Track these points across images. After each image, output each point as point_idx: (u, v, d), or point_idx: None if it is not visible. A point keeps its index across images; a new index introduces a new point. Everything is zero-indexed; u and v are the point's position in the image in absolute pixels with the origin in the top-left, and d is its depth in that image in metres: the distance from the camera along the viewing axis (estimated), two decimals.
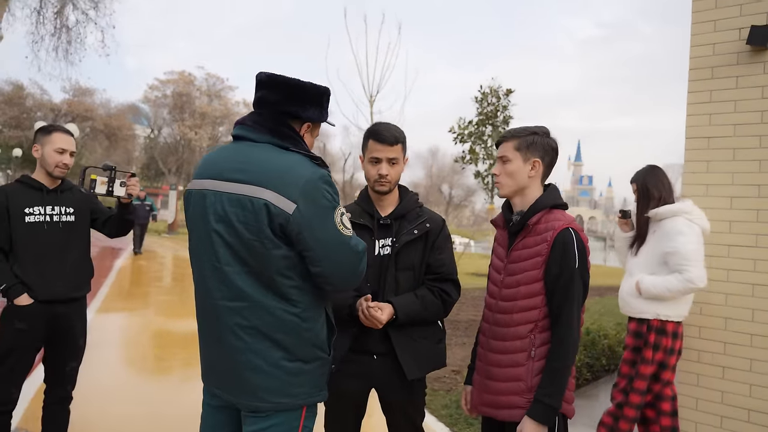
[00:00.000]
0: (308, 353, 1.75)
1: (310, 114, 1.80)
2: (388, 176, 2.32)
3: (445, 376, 5.30)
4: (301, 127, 1.81)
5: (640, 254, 3.36)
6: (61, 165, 2.93)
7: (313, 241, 1.64)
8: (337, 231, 1.68)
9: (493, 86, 12.71)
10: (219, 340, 1.73)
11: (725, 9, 3.48)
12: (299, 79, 1.78)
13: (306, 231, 1.63)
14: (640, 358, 3.27)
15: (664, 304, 3.21)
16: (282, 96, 1.77)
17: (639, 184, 3.39)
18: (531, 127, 2.11)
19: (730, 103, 3.46)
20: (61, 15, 13.66)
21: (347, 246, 1.71)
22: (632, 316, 3.33)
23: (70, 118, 40.91)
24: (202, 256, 1.75)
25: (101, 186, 2.88)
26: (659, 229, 3.27)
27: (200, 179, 1.78)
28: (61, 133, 2.95)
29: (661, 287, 3.16)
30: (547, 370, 1.93)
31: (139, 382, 5.04)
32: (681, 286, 3.12)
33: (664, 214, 3.26)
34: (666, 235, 3.21)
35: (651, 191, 3.33)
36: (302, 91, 1.77)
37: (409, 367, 2.30)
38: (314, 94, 1.80)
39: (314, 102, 1.80)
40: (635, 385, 3.27)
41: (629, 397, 3.29)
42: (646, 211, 3.33)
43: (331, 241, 1.67)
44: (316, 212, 1.65)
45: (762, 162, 3.35)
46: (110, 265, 13.38)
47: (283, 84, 1.77)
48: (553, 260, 1.95)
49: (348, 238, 1.71)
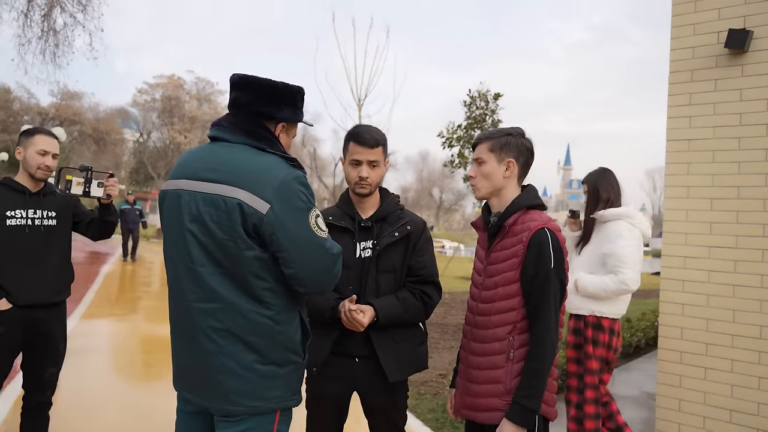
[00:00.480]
0: (282, 357, 1.73)
1: (283, 114, 1.79)
2: (369, 179, 2.32)
3: (431, 380, 5.29)
4: (276, 127, 1.81)
5: (584, 254, 3.48)
6: (43, 167, 2.90)
7: (286, 242, 1.63)
8: (312, 232, 1.67)
9: (481, 90, 12.76)
10: (191, 342, 1.72)
11: (704, 13, 3.52)
12: (271, 79, 1.77)
13: (279, 231, 1.62)
14: (584, 354, 3.35)
15: (599, 302, 3.31)
16: (254, 97, 1.76)
17: (590, 186, 3.48)
18: (505, 129, 2.12)
19: (709, 105, 3.50)
20: (48, 18, 13.57)
21: (322, 248, 1.70)
22: (571, 313, 3.42)
23: (58, 122, 40.61)
24: (176, 257, 1.74)
25: (77, 187, 2.84)
26: (602, 231, 3.39)
27: (175, 179, 1.77)
28: (43, 135, 2.92)
29: (597, 287, 3.28)
30: (525, 371, 1.93)
31: (127, 388, 5.00)
32: (615, 287, 3.24)
33: (608, 216, 3.37)
34: (607, 237, 3.33)
35: (600, 193, 3.43)
36: (274, 91, 1.76)
37: (390, 369, 2.29)
38: (287, 94, 1.79)
39: (287, 102, 1.79)
40: (587, 380, 3.32)
41: (585, 395, 3.33)
42: (594, 213, 3.43)
43: (305, 242, 1.66)
44: (290, 213, 1.64)
45: (741, 164, 3.38)
46: (97, 271, 13.27)
47: (255, 85, 1.76)
48: (529, 261, 1.94)
49: (323, 240, 1.70)
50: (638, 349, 6.82)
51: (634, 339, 6.74)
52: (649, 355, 6.54)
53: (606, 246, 3.32)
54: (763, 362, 3.29)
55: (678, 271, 3.62)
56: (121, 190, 50.63)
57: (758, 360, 3.30)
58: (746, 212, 3.36)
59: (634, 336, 6.77)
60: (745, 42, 3.31)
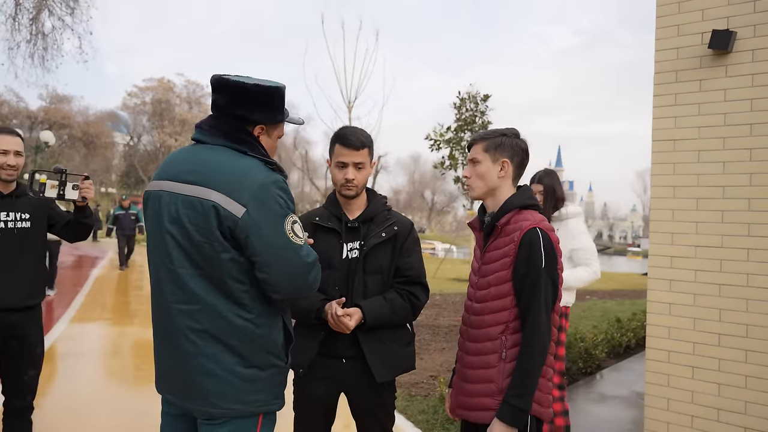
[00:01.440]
0: (263, 360, 1.73)
1: (258, 117, 1.76)
2: (355, 180, 2.32)
3: (422, 382, 5.29)
4: (254, 129, 1.78)
5: None
6: (6, 166, 2.84)
7: (261, 246, 1.62)
8: (287, 238, 1.65)
9: (471, 92, 12.81)
10: (172, 343, 1.71)
11: (688, 14, 3.55)
12: (245, 82, 1.73)
13: (254, 235, 1.61)
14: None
15: (568, 293, 3.61)
16: (230, 99, 1.74)
17: (545, 186, 3.68)
18: (500, 129, 2.13)
19: (694, 106, 3.53)
20: (36, 21, 13.48)
21: (296, 254, 1.67)
22: None
23: (47, 125, 40.34)
24: (157, 258, 1.73)
25: (51, 189, 2.79)
26: (563, 228, 3.62)
27: (158, 180, 1.77)
28: (3, 134, 2.86)
29: (579, 279, 3.57)
30: (516, 371, 1.93)
31: (117, 392, 4.96)
32: (589, 277, 3.60)
33: (568, 214, 3.66)
34: (571, 233, 3.62)
35: (557, 191, 3.68)
36: (247, 93, 1.73)
37: (378, 370, 2.29)
38: (261, 96, 1.75)
39: (262, 104, 1.76)
40: (556, 367, 3.48)
41: (555, 381, 3.48)
42: (553, 211, 3.66)
43: (279, 247, 1.64)
44: (266, 217, 1.63)
45: (726, 164, 3.41)
46: (87, 274, 13.19)
47: (230, 87, 1.74)
48: (520, 260, 1.95)
49: (298, 247, 1.68)
50: (629, 349, 6.86)
51: (624, 339, 6.78)
52: (639, 354, 6.57)
53: (573, 242, 3.60)
54: (750, 361, 3.31)
55: (665, 270, 3.64)
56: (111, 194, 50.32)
57: (745, 359, 3.32)
58: (731, 212, 3.38)
59: (624, 336, 6.81)
60: (729, 43, 3.33)
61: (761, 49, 3.30)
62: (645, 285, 3.99)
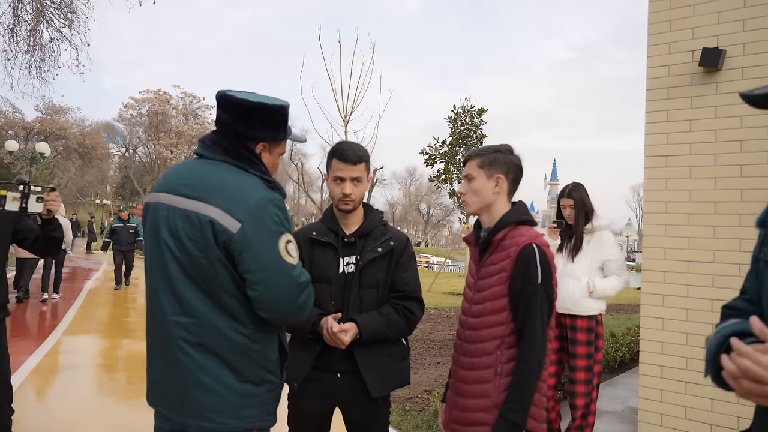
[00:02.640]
0: (258, 376, 1.72)
1: (260, 134, 1.77)
2: (352, 195, 2.34)
3: (416, 396, 5.27)
4: (257, 146, 1.79)
5: (579, 261, 3.77)
6: None
7: (253, 263, 1.61)
8: (279, 257, 1.64)
9: (466, 106, 12.88)
10: (167, 356, 1.71)
11: (679, 32, 3.60)
12: (249, 99, 1.73)
13: (247, 252, 1.61)
14: (595, 348, 3.72)
15: (600, 302, 3.76)
16: (233, 116, 1.75)
17: (576, 199, 3.79)
18: (494, 146, 2.16)
19: (685, 122, 3.57)
20: (35, 32, 13.52)
21: (288, 275, 1.65)
22: (582, 314, 3.71)
23: (43, 136, 40.32)
24: (154, 270, 1.74)
25: (13, 202, 2.69)
26: (594, 240, 3.75)
27: (157, 192, 1.78)
28: None
29: (613, 288, 3.69)
30: (511, 385, 1.93)
31: (108, 405, 4.92)
32: (621, 287, 3.71)
33: (600, 226, 3.77)
34: (604, 245, 3.74)
35: (586, 204, 3.79)
36: (250, 111, 1.74)
37: (373, 384, 2.29)
38: (264, 114, 1.76)
39: (265, 121, 1.77)
40: (595, 369, 3.71)
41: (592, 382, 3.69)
42: (586, 223, 3.77)
43: (271, 265, 1.62)
44: (260, 234, 1.62)
45: (717, 179, 3.44)
46: (80, 287, 13.10)
47: (234, 104, 1.74)
48: (516, 275, 1.96)
49: (290, 267, 1.66)
50: (623, 364, 6.85)
51: (619, 354, 6.77)
52: (633, 369, 6.55)
53: (606, 253, 3.73)
54: None
55: (658, 285, 3.66)
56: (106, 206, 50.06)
57: None
58: (723, 227, 3.41)
59: (618, 351, 6.79)
60: (719, 60, 3.38)
61: (750, 67, 3.35)
62: (640, 299, 4.03)
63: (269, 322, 1.74)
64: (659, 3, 3.69)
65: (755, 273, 1.32)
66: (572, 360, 3.73)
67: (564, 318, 3.79)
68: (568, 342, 3.77)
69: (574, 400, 3.72)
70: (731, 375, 1.09)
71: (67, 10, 13.11)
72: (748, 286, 1.35)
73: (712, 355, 1.28)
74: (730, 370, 1.09)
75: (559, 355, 3.84)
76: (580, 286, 3.69)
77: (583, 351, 3.71)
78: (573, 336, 3.74)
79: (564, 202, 3.84)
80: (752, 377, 1.05)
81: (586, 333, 3.71)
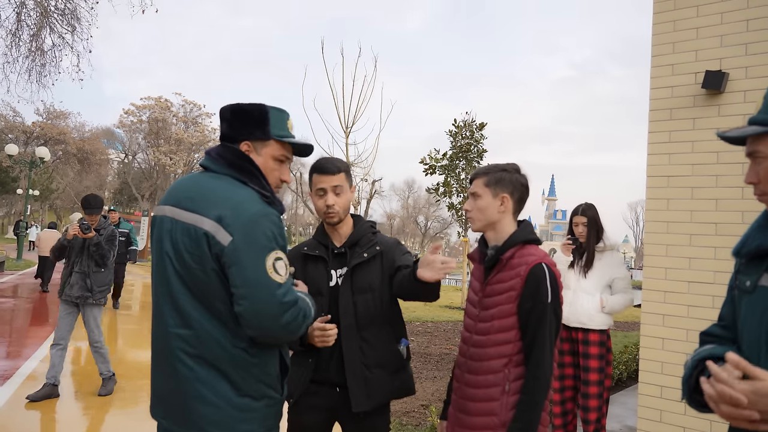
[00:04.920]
0: (257, 390, 1.71)
1: (239, 133, 1.79)
2: (335, 206, 2.33)
3: (413, 411, 5.24)
4: (241, 145, 1.79)
5: (591, 277, 3.89)
6: None
7: (239, 278, 1.60)
8: (265, 274, 1.61)
9: (466, 120, 12.95)
10: (168, 367, 1.71)
11: (682, 54, 3.64)
12: (232, 104, 1.81)
13: (235, 266, 1.60)
14: (606, 362, 3.83)
15: (610, 317, 3.91)
16: (222, 123, 1.81)
17: (589, 217, 3.93)
18: (501, 165, 2.17)
19: (687, 143, 3.59)
20: (37, 38, 13.56)
21: (271, 293, 1.61)
22: (595, 329, 3.82)
23: (43, 141, 40.34)
24: (158, 282, 1.75)
25: None
26: (604, 258, 3.91)
27: (162, 205, 1.80)
28: None
29: (619, 304, 3.84)
30: (520, 404, 1.93)
31: (101, 414, 4.88)
32: (628, 304, 3.87)
33: (611, 246, 3.96)
34: (613, 263, 3.92)
35: (599, 224, 3.94)
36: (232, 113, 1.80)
37: (357, 398, 2.25)
38: (242, 113, 1.80)
39: (242, 120, 1.80)
40: (606, 384, 3.82)
41: (603, 396, 3.79)
42: (598, 241, 3.92)
43: (255, 281, 1.60)
44: (250, 250, 1.61)
45: (718, 201, 3.46)
46: None
47: (221, 112, 1.82)
48: (526, 295, 1.97)
49: (275, 285, 1.62)
50: (620, 383, 6.82)
51: (616, 372, 6.75)
52: (631, 388, 6.53)
53: (614, 271, 3.90)
54: None
55: (658, 305, 3.66)
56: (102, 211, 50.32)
57: None
58: (724, 248, 3.42)
59: (616, 369, 6.77)
60: (722, 83, 3.41)
61: (753, 90, 3.38)
62: (637, 317, 4.05)
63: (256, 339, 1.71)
64: (663, 25, 3.73)
65: (731, 301, 1.41)
66: (585, 374, 3.80)
67: (576, 332, 3.87)
68: (581, 356, 3.85)
69: (586, 414, 3.78)
70: (711, 399, 1.17)
71: (70, 17, 13.17)
72: (725, 314, 1.44)
73: (686, 378, 1.38)
74: (709, 394, 1.17)
75: (572, 369, 3.92)
76: (594, 301, 3.82)
77: (596, 365, 3.80)
78: (585, 350, 3.83)
79: (577, 220, 3.96)
80: (729, 402, 1.13)
81: (599, 347, 3.81)
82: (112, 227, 5.56)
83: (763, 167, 1.28)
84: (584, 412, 3.78)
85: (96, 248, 5.30)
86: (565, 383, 3.97)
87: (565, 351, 3.94)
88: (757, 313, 1.27)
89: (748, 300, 1.31)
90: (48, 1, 12.87)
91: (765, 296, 1.26)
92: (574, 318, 3.83)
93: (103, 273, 5.42)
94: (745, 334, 1.31)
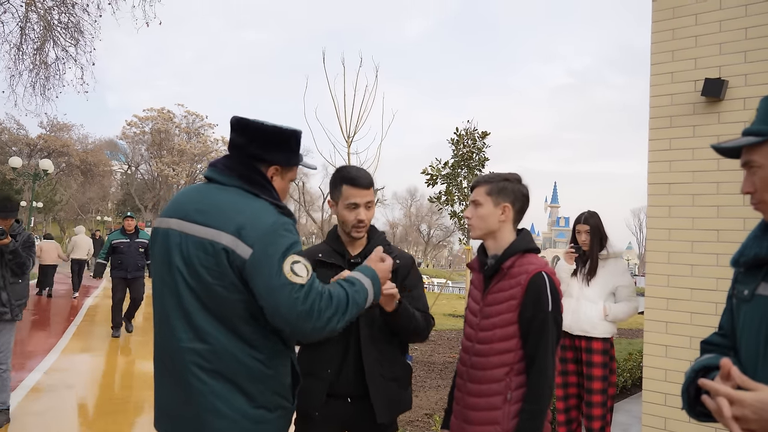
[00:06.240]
0: (272, 401, 1.71)
1: (273, 157, 1.79)
2: (366, 220, 2.33)
3: (417, 420, 5.22)
4: (268, 170, 1.80)
5: (594, 285, 3.88)
6: None
7: (263, 288, 1.60)
8: (285, 278, 1.60)
9: (468, 129, 12.96)
10: (179, 382, 1.69)
11: (681, 62, 3.66)
12: (264, 122, 1.77)
13: (258, 278, 1.60)
14: (609, 370, 3.83)
15: (613, 325, 3.89)
16: (247, 139, 1.77)
17: (592, 226, 3.92)
18: (503, 174, 2.19)
19: (688, 150, 3.60)
20: (41, 51, 13.67)
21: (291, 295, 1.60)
22: (598, 337, 3.81)
23: (46, 153, 40.54)
24: (165, 296, 1.73)
25: None
26: (608, 266, 3.89)
27: (166, 218, 1.78)
28: None
29: (623, 312, 3.81)
30: (522, 412, 1.94)
31: (104, 425, 4.88)
32: (633, 312, 3.86)
33: (615, 253, 3.94)
34: (616, 271, 3.90)
35: (602, 232, 3.93)
36: (265, 134, 1.77)
37: (381, 410, 2.26)
38: (279, 138, 1.79)
39: (279, 146, 1.79)
40: (610, 392, 3.81)
41: (607, 404, 3.78)
42: (601, 249, 3.91)
43: (278, 288, 1.60)
44: (270, 260, 1.61)
45: (720, 208, 3.46)
46: (80, 304, 13.06)
47: (248, 128, 1.77)
48: (527, 303, 1.98)
49: (296, 287, 1.62)
50: (625, 390, 6.79)
51: (621, 380, 6.72)
52: (635, 396, 6.50)
53: (618, 279, 3.88)
54: None
55: (661, 312, 3.66)
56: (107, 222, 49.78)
57: None
58: (725, 255, 3.42)
59: (620, 377, 6.74)
60: (721, 90, 3.43)
61: (752, 97, 3.40)
62: (641, 324, 4.04)
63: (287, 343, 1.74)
64: (662, 34, 3.76)
65: (730, 311, 1.44)
66: (588, 382, 3.79)
67: (580, 340, 3.86)
68: (584, 364, 3.84)
69: (590, 423, 3.76)
70: (714, 413, 1.20)
71: (74, 30, 13.28)
72: (724, 323, 1.48)
73: (685, 388, 1.42)
74: (712, 409, 1.20)
75: (576, 377, 3.93)
76: (597, 309, 3.81)
77: (599, 373, 3.79)
78: (589, 358, 3.82)
79: (580, 228, 3.96)
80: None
81: (602, 355, 3.80)
82: (27, 233, 4.81)
83: (758, 177, 1.30)
84: (588, 421, 3.77)
85: (13, 256, 4.50)
86: (569, 391, 3.96)
87: (568, 359, 3.92)
88: (755, 322, 1.29)
89: (746, 309, 1.33)
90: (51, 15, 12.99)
91: (762, 305, 1.28)
92: (577, 326, 3.82)
93: (21, 284, 4.67)
94: (743, 343, 1.33)
